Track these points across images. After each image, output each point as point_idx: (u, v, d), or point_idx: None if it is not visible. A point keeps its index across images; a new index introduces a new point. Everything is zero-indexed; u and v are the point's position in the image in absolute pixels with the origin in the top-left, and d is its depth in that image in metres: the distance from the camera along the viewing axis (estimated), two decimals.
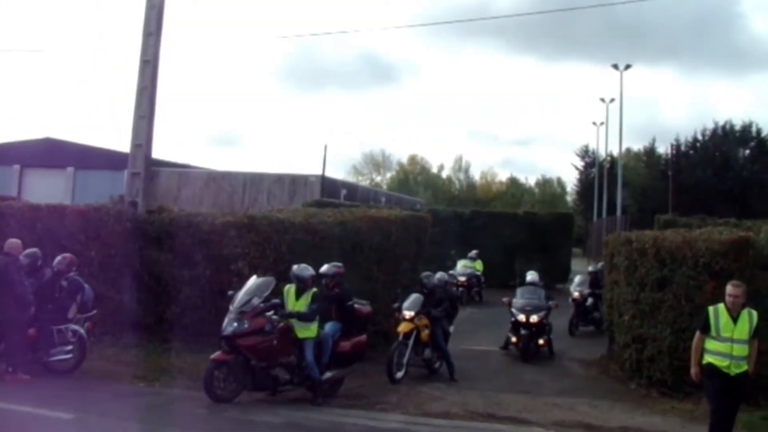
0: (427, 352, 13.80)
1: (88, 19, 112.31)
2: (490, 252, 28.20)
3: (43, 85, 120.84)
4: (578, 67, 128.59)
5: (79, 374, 12.31)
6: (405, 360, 13.26)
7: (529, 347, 15.73)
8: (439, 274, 14.88)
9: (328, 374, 11.65)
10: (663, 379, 12.30)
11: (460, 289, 25.41)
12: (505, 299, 16.66)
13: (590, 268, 21.26)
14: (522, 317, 15.91)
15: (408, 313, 13.56)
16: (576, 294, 19.47)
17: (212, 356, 11.13)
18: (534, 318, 15.85)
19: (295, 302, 11.64)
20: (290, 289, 11.79)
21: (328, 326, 11.90)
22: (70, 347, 12.44)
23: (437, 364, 14.02)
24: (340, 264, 12.50)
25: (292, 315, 11.47)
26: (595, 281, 19.82)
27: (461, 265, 26.82)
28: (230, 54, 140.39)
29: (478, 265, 26.86)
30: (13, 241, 12.36)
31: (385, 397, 11.67)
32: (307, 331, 11.47)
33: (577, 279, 20.83)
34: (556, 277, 26.92)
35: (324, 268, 12.27)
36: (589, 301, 19.64)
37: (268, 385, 11.33)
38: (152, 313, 14.37)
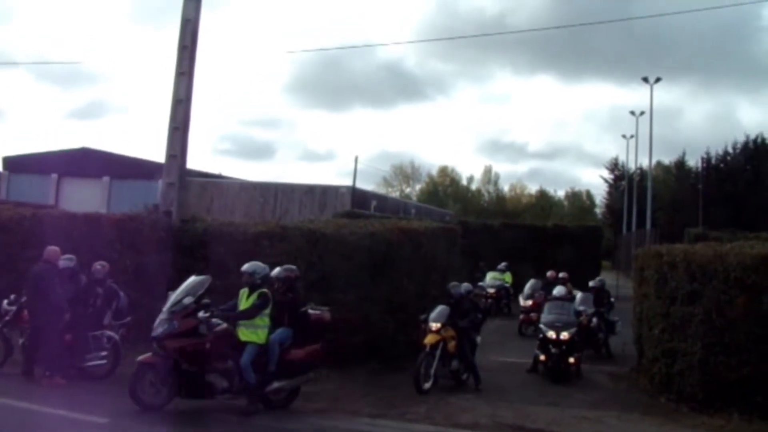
0: (455, 363, 13.64)
1: (127, 32, 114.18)
2: (520, 264, 28.18)
3: (80, 95, 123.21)
4: (597, 82, 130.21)
5: (114, 380, 12.48)
6: (432, 371, 13.10)
7: (560, 366, 14.75)
8: (465, 285, 14.67)
9: (275, 384, 11.11)
10: (693, 393, 12.22)
11: (489, 300, 25.50)
12: (533, 314, 15.87)
13: (591, 283, 19.67)
14: (552, 334, 14.92)
15: (434, 325, 13.34)
16: (582, 318, 16.68)
17: (139, 358, 10.72)
18: (565, 335, 14.85)
19: (245, 303, 11.25)
20: (244, 291, 11.43)
21: (277, 333, 11.29)
22: (104, 353, 12.67)
23: (465, 376, 13.84)
24: (293, 267, 12.09)
25: (227, 314, 11.11)
26: (597, 298, 18.62)
27: (490, 276, 26.84)
28: (258, 68, 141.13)
29: (507, 277, 26.86)
30: (52, 249, 12.63)
31: (414, 408, 11.67)
32: (252, 335, 11.00)
33: (578, 297, 18.33)
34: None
35: (275, 271, 11.81)
36: (594, 321, 17.71)
37: (202, 392, 10.79)
38: None
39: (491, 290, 25.94)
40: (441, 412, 11.53)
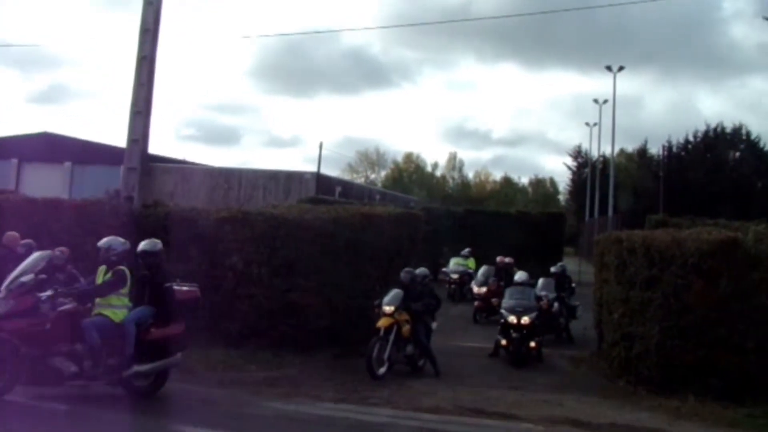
0: (409, 348, 13.54)
1: (89, 15, 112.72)
2: (483, 250, 28.33)
3: (41, 80, 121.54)
4: (561, 70, 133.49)
5: None
6: (386, 356, 12.99)
7: (521, 351, 14.93)
8: (421, 270, 14.54)
9: (135, 368, 10.32)
10: (650, 376, 12.43)
11: (453, 286, 25.70)
12: (493, 300, 15.88)
13: (552, 269, 19.81)
14: (513, 319, 15.10)
15: (388, 308, 13.26)
16: (543, 302, 17.18)
17: None
18: (525, 319, 15.04)
19: (101, 281, 10.62)
20: (102, 269, 10.81)
21: (134, 311, 10.57)
22: None
23: (421, 362, 13.79)
24: (157, 241, 11.37)
25: (74, 292, 10.47)
26: (558, 283, 18.97)
27: (454, 262, 27.00)
28: (223, 52, 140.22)
29: (471, 263, 26.97)
30: (11, 234, 12.52)
31: (375, 392, 11.74)
32: (111, 314, 10.39)
33: (540, 282, 18.74)
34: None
35: (141, 245, 11.12)
36: (555, 306, 18.13)
37: (47, 378, 9.92)
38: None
39: (455, 276, 26.12)
40: (403, 397, 11.59)
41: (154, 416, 10.13)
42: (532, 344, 15.12)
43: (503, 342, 15.24)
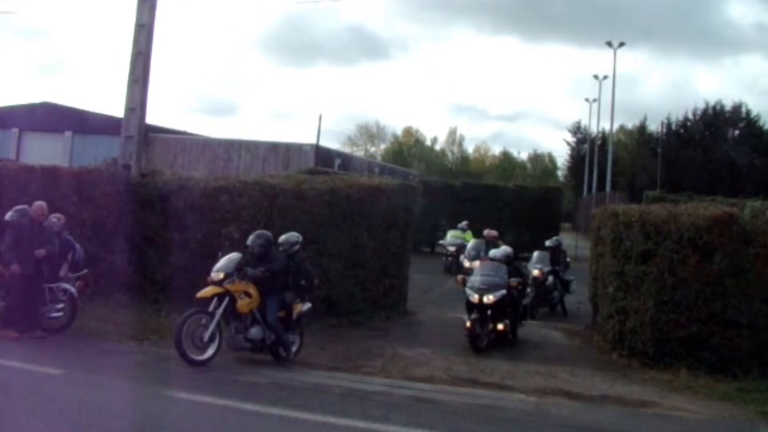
0: (254, 331, 11.10)
1: None
2: (481, 223, 28.36)
3: (42, 50, 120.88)
4: (560, 45, 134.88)
5: (70, 333, 12.49)
6: (207, 335, 10.65)
7: (479, 334, 13.18)
8: (286, 236, 12.02)
9: None
10: (644, 350, 12.47)
11: (449, 258, 25.79)
12: (459, 277, 14.36)
13: (547, 243, 19.41)
14: (474, 297, 13.42)
15: (216, 275, 10.93)
16: (536, 272, 16.78)
17: None
18: (489, 298, 13.29)
19: None
20: None
21: None
22: (61, 305, 12.60)
23: (294, 346, 11.71)
24: None
25: None
26: (553, 257, 18.81)
27: (451, 235, 27.09)
28: (223, 23, 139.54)
29: (468, 236, 26.94)
30: (39, 204, 12.61)
31: (369, 362, 11.80)
32: None
33: (535, 255, 18.64)
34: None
35: None
36: (549, 279, 18.04)
37: None
38: (143, 274, 14.57)
39: (451, 248, 26.20)
40: (396, 366, 11.64)
41: (146, 382, 10.14)
42: (500, 327, 13.48)
43: (467, 324, 13.33)
